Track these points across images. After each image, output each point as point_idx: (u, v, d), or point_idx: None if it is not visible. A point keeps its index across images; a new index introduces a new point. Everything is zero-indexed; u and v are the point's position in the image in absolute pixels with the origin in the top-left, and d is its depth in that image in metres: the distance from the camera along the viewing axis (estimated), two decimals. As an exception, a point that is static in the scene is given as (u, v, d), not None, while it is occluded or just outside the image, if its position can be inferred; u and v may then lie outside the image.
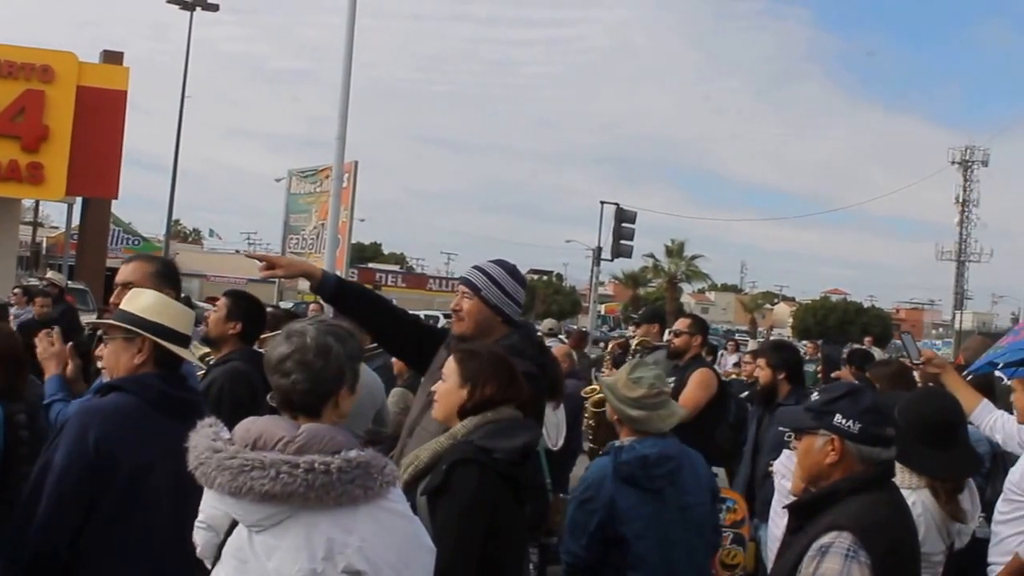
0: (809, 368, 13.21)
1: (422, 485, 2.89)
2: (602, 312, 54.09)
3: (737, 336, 37.56)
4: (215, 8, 29.75)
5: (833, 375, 4.47)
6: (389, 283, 59.39)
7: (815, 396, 2.84)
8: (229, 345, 4.45)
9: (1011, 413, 4.21)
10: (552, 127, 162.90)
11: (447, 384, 3.04)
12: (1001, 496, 3.93)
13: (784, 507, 2.86)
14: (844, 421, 2.66)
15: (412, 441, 3.27)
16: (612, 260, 28.23)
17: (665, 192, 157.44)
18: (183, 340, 3.12)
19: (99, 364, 3.18)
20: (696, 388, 5.97)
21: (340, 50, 14.15)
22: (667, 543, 3.57)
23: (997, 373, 4.84)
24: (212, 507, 2.24)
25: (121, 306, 3.14)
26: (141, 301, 3.13)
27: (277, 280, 26.45)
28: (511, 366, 3.11)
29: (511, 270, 3.58)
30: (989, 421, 4.24)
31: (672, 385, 6.40)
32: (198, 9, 29.46)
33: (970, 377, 4.72)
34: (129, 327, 3.05)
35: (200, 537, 2.28)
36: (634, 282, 59.96)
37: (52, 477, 2.85)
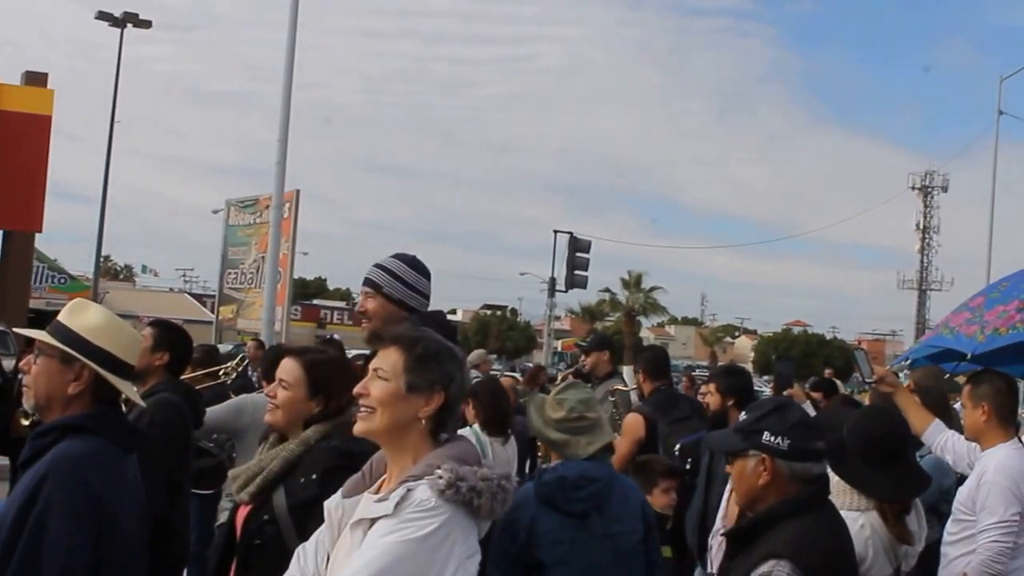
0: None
1: (279, 495, 2.94)
2: (559, 348, 54.17)
3: (697, 371, 37.70)
4: (147, 25, 29.16)
5: (785, 393, 4.50)
6: (335, 320, 58.92)
7: (743, 415, 2.87)
8: (155, 377, 4.42)
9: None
10: (504, 152, 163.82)
11: (292, 393, 3.11)
12: (950, 517, 4.01)
13: (721, 534, 2.90)
14: (773, 438, 2.68)
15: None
16: (567, 291, 28.43)
17: (623, 220, 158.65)
18: (127, 370, 2.79)
19: (24, 382, 2.83)
20: (621, 437, 5.97)
21: (281, 70, 14.18)
22: (591, 572, 3.53)
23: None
24: (476, 540, 2.32)
25: (61, 318, 2.76)
26: (86, 319, 2.73)
27: (214, 319, 26.20)
28: (354, 372, 3.19)
29: (410, 261, 3.61)
30: (940, 441, 4.33)
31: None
32: (129, 26, 28.75)
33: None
34: (68, 350, 2.67)
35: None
36: (591, 316, 60.17)
37: (58, 552, 2.43)
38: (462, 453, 2.35)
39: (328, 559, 2.40)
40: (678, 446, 5.92)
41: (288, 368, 3.18)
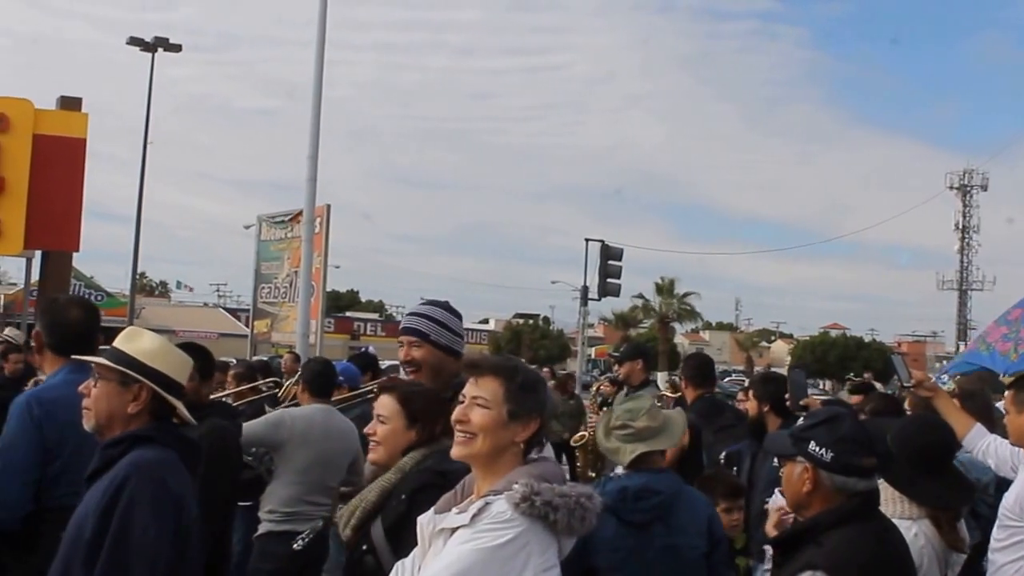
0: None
1: (377, 525, 2.96)
2: (592, 356, 54.06)
3: (732, 376, 37.44)
4: (177, 49, 29.46)
5: (802, 402, 4.49)
6: (368, 332, 59.23)
7: (799, 421, 2.91)
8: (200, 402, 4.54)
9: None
10: (534, 161, 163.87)
11: (391, 426, 3.14)
12: (996, 523, 3.96)
13: (768, 542, 2.92)
14: (818, 449, 2.71)
15: None
16: (599, 300, 28.37)
17: (655, 227, 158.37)
18: (179, 390, 2.99)
19: (84, 404, 2.98)
20: None
21: (310, 86, 14.30)
22: None
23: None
24: (555, 555, 2.39)
25: (116, 344, 2.97)
26: (141, 343, 2.95)
27: (249, 333, 26.43)
28: (446, 402, 3.21)
29: (447, 306, 3.68)
30: (982, 446, 4.28)
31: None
32: (160, 50, 29.09)
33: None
34: (128, 371, 2.87)
35: None
36: (624, 323, 60.03)
37: (146, 542, 2.59)
38: (544, 471, 2.43)
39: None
40: (723, 454, 5.91)
41: (384, 403, 3.21)
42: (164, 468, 2.77)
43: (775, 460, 4.08)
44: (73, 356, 3.49)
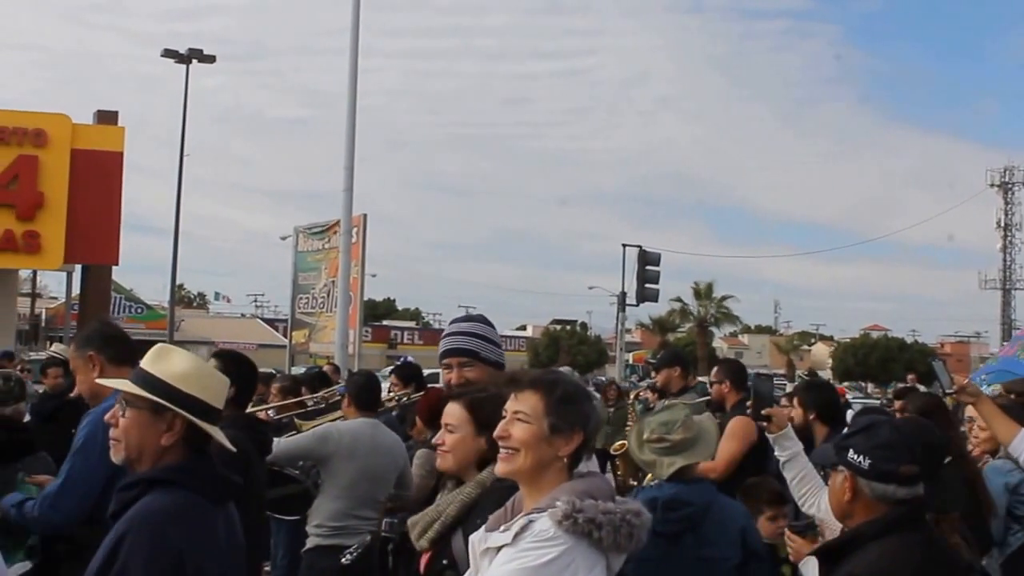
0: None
1: (458, 539, 2.90)
2: (630, 361, 53.85)
3: (774, 380, 37.09)
4: (211, 60, 29.28)
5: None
6: (405, 340, 59.48)
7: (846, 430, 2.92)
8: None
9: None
10: (568, 166, 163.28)
11: (459, 435, 3.07)
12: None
13: (810, 552, 2.91)
14: (856, 457, 2.70)
15: None
16: (637, 305, 28.27)
17: (691, 230, 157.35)
18: (216, 415, 2.74)
19: (111, 435, 2.73)
20: (727, 439, 5.91)
21: (344, 95, 14.41)
22: None
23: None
24: (603, 572, 2.37)
25: (146, 366, 2.69)
26: (173, 366, 2.67)
27: (288, 344, 26.63)
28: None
29: (485, 320, 3.60)
30: (1029, 451, 4.21)
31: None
32: (194, 62, 28.95)
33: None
34: (160, 401, 2.62)
35: None
36: (662, 328, 59.79)
37: None
38: (591, 488, 2.41)
39: None
40: None
41: (452, 412, 3.12)
42: (168, 519, 2.51)
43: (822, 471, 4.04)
44: (97, 380, 3.41)
